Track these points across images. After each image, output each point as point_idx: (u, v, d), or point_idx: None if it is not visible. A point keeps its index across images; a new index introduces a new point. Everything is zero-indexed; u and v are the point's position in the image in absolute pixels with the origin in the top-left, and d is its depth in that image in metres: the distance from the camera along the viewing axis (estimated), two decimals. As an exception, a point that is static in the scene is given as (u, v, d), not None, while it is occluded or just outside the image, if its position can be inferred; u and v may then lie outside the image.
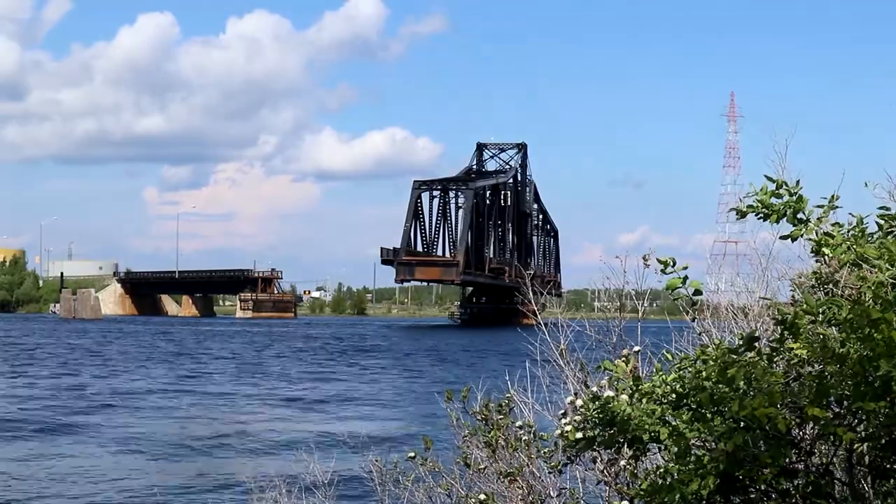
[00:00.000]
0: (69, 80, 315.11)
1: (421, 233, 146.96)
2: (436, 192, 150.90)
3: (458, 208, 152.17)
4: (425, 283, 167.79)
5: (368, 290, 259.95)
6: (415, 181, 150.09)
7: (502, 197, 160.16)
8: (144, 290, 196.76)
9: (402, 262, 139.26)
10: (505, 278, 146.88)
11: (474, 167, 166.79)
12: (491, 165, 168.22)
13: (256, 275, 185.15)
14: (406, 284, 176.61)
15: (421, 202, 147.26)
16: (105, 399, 36.09)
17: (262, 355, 65.96)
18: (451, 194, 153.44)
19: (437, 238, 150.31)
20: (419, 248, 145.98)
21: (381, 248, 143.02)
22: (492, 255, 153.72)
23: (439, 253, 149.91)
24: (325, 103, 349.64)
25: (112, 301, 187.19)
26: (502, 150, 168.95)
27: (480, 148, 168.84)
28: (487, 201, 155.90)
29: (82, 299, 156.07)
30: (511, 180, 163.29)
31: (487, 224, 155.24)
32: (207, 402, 35.92)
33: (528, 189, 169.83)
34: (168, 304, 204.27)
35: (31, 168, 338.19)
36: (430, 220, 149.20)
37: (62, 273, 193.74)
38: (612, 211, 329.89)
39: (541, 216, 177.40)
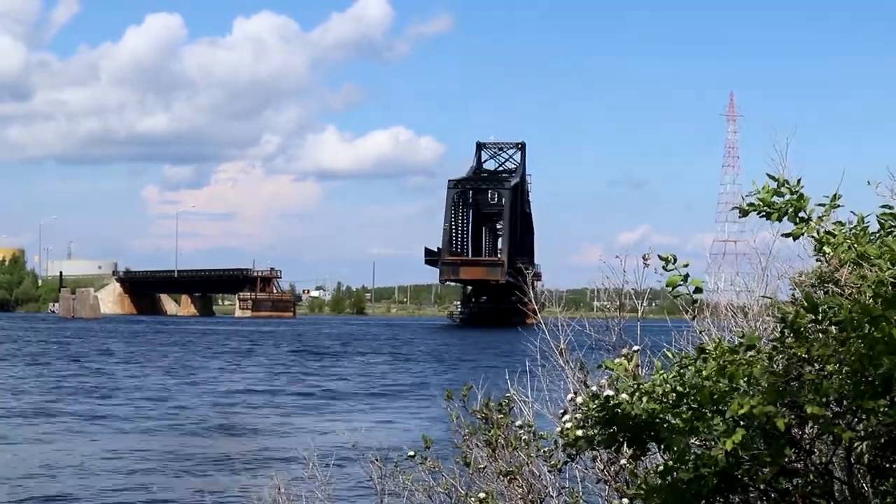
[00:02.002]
0: (75, 80, 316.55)
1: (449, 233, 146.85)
2: (461, 192, 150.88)
3: (468, 208, 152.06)
4: (466, 283, 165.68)
5: (367, 289, 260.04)
6: (450, 181, 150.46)
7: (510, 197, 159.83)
8: (143, 289, 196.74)
9: (447, 261, 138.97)
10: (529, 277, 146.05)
11: (474, 166, 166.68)
12: (490, 165, 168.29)
13: (255, 274, 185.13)
14: (445, 284, 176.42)
15: (455, 202, 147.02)
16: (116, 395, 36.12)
17: (263, 355, 65.93)
18: (471, 194, 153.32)
19: (460, 237, 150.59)
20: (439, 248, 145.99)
21: (425, 248, 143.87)
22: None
23: (459, 251, 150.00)
24: (330, 103, 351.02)
25: (111, 300, 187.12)
26: (501, 150, 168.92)
27: (480, 147, 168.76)
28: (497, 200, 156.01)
29: (81, 298, 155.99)
30: (519, 180, 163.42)
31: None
32: (202, 400, 35.92)
33: (527, 188, 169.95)
34: (167, 303, 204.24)
35: (33, 168, 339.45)
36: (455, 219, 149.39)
37: (61, 272, 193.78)
38: (613, 211, 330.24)
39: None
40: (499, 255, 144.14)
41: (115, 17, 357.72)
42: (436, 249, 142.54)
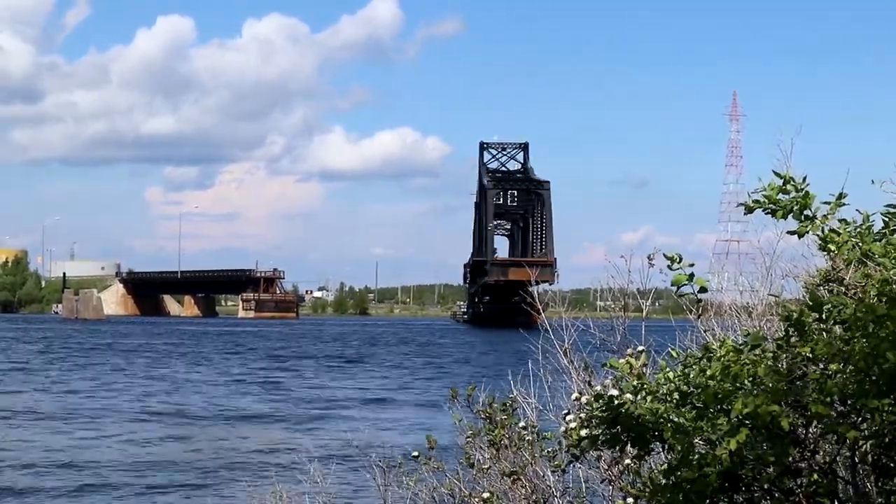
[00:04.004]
0: (85, 82, 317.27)
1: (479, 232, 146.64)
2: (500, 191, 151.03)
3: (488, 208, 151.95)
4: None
5: (370, 289, 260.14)
6: (488, 181, 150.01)
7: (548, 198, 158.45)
8: (146, 290, 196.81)
9: (496, 263, 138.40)
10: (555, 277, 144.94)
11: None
12: (493, 165, 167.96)
13: (259, 275, 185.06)
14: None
15: (489, 202, 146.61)
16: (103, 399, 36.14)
17: (268, 357, 65.94)
18: (505, 193, 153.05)
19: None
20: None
21: (472, 251, 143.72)
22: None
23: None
24: (337, 104, 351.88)
25: (114, 301, 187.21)
26: (504, 150, 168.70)
27: (483, 147, 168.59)
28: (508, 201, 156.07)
29: (84, 299, 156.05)
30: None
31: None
32: (205, 401, 35.94)
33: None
34: (170, 304, 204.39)
35: (38, 169, 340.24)
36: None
37: (64, 273, 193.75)
38: (615, 211, 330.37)
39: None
40: (547, 256, 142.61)
41: (125, 20, 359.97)
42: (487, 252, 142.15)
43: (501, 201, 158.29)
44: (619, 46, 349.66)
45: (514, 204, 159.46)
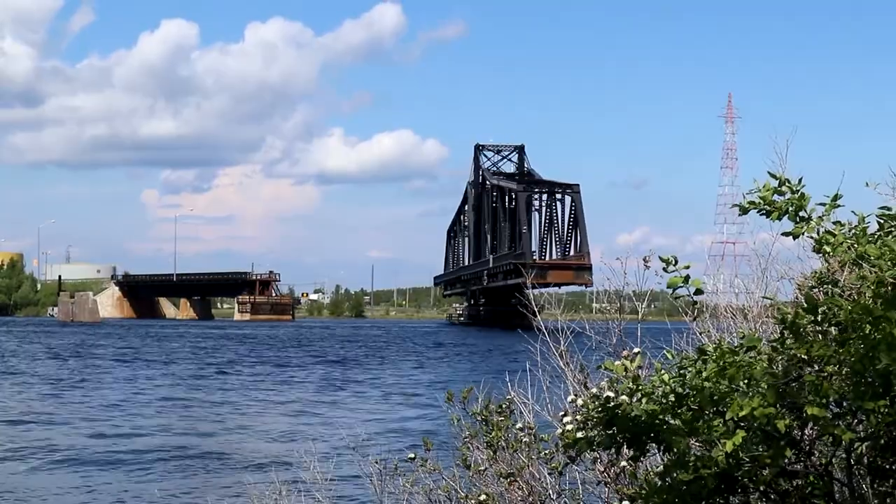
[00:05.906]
0: (87, 86, 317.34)
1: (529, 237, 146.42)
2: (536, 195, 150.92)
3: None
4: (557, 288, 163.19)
5: (366, 292, 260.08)
6: (519, 184, 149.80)
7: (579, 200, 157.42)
8: (142, 293, 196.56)
9: (537, 265, 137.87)
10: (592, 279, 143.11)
11: (478, 169, 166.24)
12: (488, 168, 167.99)
13: (254, 277, 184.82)
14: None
15: (525, 204, 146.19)
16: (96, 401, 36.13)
17: (262, 358, 65.94)
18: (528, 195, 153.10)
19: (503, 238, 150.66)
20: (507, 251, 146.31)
21: (513, 255, 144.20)
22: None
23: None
24: (338, 107, 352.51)
25: (110, 304, 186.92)
26: (499, 151, 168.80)
27: (478, 149, 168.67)
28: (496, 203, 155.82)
29: (80, 302, 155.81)
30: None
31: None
32: (206, 402, 35.93)
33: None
34: (166, 307, 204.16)
35: (35, 172, 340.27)
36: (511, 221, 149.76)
37: (60, 276, 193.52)
38: (611, 212, 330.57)
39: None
40: (584, 258, 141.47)
41: (129, 24, 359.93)
42: (521, 253, 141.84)
43: (497, 204, 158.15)
44: (618, 47, 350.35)
45: (512, 206, 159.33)
